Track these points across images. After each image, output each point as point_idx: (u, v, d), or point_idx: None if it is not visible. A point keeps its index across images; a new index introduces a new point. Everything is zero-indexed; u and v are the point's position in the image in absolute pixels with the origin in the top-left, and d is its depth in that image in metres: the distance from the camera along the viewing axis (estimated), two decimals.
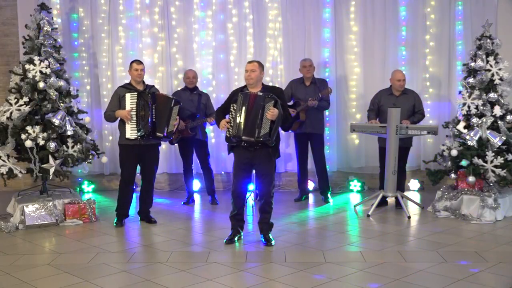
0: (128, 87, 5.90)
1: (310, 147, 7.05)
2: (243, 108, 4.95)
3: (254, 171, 5.29)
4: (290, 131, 7.03)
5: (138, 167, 6.01)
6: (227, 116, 5.16)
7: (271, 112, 4.90)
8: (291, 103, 6.94)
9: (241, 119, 4.95)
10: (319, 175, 7.10)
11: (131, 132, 5.75)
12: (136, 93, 5.77)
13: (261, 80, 5.15)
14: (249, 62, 5.16)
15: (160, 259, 4.77)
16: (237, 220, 5.25)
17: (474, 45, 6.40)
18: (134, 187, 6.17)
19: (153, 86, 6.16)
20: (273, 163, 5.16)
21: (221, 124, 5.07)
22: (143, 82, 6.00)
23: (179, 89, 7.42)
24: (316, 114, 6.85)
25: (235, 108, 5.00)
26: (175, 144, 7.03)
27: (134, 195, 6.26)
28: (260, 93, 4.97)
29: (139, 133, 5.71)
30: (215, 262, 4.65)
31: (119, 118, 5.85)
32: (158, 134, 5.78)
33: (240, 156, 5.11)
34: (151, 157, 5.94)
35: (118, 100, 5.83)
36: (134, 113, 5.73)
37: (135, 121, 5.74)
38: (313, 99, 6.62)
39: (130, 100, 5.75)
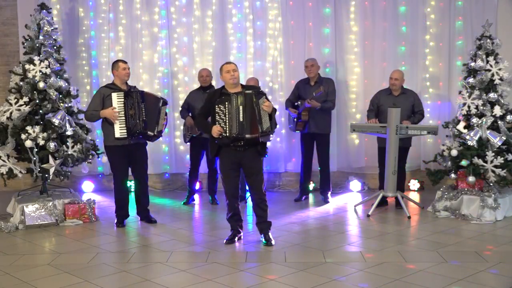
0: (112, 87, 5.84)
1: (316, 147, 7.05)
2: (241, 108, 4.94)
3: (243, 171, 5.24)
4: (295, 131, 7.04)
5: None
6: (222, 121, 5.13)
7: (267, 105, 4.97)
8: (297, 103, 6.96)
9: (241, 118, 4.94)
10: (321, 175, 7.09)
11: (120, 131, 5.71)
12: (122, 92, 5.75)
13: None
14: (228, 63, 5.16)
15: (160, 259, 4.77)
16: (235, 220, 5.26)
17: (474, 45, 6.40)
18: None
19: (135, 86, 6.13)
20: (261, 161, 5.19)
21: (215, 131, 4.97)
22: (126, 82, 5.95)
23: (187, 89, 7.40)
24: (322, 114, 6.82)
25: (223, 109, 4.96)
26: (187, 143, 7.07)
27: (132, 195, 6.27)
28: (249, 91, 5.00)
29: (129, 131, 5.68)
30: (215, 262, 4.65)
31: (101, 120, 5.83)
32: (149, 132, 5.77)
33: (228, 157, 5.09)
34: (140, 156, 5.94)
35: (101, 100, 5.76)
36: (122, 112, 5.70)
37: (123, 120, 5.70)
38: (310, 100, 6.61)
39: (117, 100, 5.71)
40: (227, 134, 4.96)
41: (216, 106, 5.00)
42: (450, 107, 7.70)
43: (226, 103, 4.97)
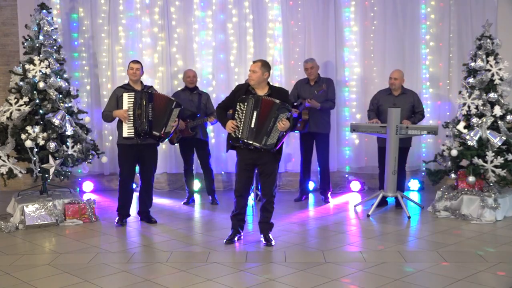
0: (126, 87, 5.91)
1: (315, 147, 7.05)
2: (255, 113, 4.89)
3: (256, 171, 5.26)
4: (295, 131, 7.04)
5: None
6: (230, 114, 5.12)
7: (283, 125, 4.87)
8: (297, 103, 6.96)
9: (252, 124, 4.90)
10: (321, 175, 7.09)
11: (128, 131, 5.75)
12: (133, 92, 5.78)
13: (264, 81, 5.04)
14: (254, 62, 5.08)
15: (160, 259, 4.77)
16: (238, 220, 5.25)
17: (474, 45, 6.41)
18: (134, 186, 6.18)
19: (152, 86, 6.15)
20: (277, 163, 5.15)
21: (228, 126, 4.96)
22: (141, 82, 6.00)
23: (178, 89, 7.41)
24: (321, 114, 6.82)
25: (242, 108, 4.93)
26: (176, 144, 7.02)
27: (134, 195, 6.27)
28: (277, 101, 4.89)
29: (136, 131, 5.70)
30: (215, 262, 4.65)
31: (117, 118, 5.86)
32: (154, 133, 5.78)
33: (244, 156, 5.08)
34: (149, 157, 5.95)
35: (116, 100, 5.84)
36: (131, 112, 5.73)
37: (132, 120, 5.74)
38: (310, 99, 6.61)
39: (127, 100, 5.76)
40: (239, 136, 4.95)
41: (238, 103, 4.97)
42: (450, 107, 7.70)
43: (246, 103, 4.93)
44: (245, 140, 4.93)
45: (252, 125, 4.89)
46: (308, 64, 6.86)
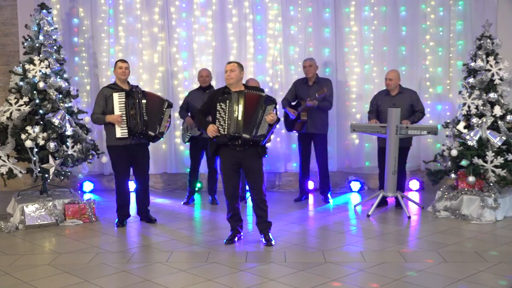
0: (113, 87, 5.85)
1: (314, 147, 7.05)
2: (240, 106, 4.93)
3: (243, 171, 5.23)
4: (293, 131, 7.04)
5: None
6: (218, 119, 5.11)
7: (271, 117, 4.96)
8: (294, 103, 6.96)
9: (240, 117, 4.93)
10: (320, 175, 7.09)
11: (121, 131, 5.71)
12: (124, 92, 5.75)
13: (240, 80, 5.14)
14: (228, 63, 5.17)
15: (160, 259, 4.77)
16: (235, 220, 5.25)
17: (474, 45, 6.41)
18: (134, 186, 6.18)
19: (138, 86, 6.13)
20: (261, 161, 5.17)
21: (210, 130, 4.97)
22: (128, 82, 5.97)
23: (191, 90, 7.40)
24: (319, 114, 6.82)
25: (223, 107, 4.96)
26: (186, 144, 7.07)
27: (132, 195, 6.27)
28: (263, 94, 5.00)
29: (130, 131, 5.68)
30: (215, 262, 4.65)
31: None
32: (150, 133, 5.77)
33: (228, 157, 5.08)
34: (142, 157, 5.94)
35: (104, 100, 5.77)
36: (124, 112, 5.70)
37: (125, 120, 5.71)
38: (311, 99, 6.62)
39: (118, 100, 5.71)
40: (225, 132, 4.95)
41: (218, 104, 4.99)
42: (450, 107, 7.70)
43: (228, 101, 4.96)
44: (233, 134, 4.92)
45: (240, 118, 4.92)
46: (307, 62, 6.87)
